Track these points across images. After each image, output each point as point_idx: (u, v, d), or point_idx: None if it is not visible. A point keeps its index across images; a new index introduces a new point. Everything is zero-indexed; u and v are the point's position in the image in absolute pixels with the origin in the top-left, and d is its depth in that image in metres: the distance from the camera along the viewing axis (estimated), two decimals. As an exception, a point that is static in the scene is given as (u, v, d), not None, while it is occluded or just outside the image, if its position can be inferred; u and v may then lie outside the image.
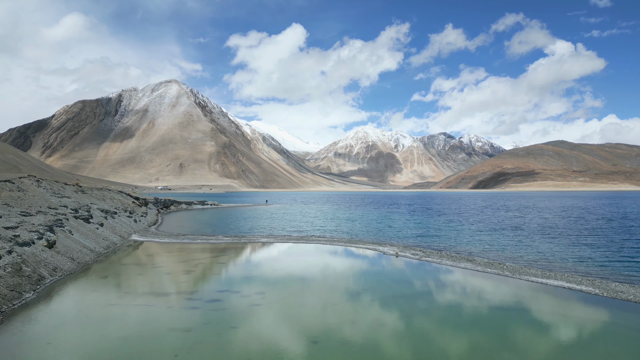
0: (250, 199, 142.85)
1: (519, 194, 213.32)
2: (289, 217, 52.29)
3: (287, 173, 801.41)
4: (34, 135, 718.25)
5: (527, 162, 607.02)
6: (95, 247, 23.35)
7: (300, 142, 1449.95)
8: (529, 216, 51.49)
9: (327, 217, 51.03)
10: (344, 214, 58.43)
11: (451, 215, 54.98)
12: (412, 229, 37.27)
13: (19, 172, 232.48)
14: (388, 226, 39.61)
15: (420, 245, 26.95)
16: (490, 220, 46.33)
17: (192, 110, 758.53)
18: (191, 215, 56.56)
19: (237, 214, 60.03)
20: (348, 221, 45.52)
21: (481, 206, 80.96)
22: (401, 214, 56.65)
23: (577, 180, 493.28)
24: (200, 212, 65.33)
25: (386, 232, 34.43)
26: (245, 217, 53.15)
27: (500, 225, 39.47)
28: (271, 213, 60.34)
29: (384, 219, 48.62)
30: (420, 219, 48.42)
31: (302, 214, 57.25)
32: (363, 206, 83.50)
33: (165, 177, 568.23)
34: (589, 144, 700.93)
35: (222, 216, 54.83)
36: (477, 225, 39.60)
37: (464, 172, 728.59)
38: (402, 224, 42.12)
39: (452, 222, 43.36)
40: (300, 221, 45.52)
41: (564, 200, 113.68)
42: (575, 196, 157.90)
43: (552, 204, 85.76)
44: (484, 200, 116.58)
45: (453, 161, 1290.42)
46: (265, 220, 47.20)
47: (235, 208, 77.41)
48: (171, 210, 66.72)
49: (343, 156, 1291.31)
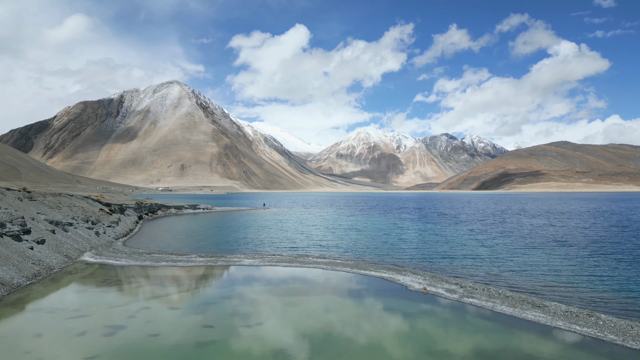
0: (249, 201, 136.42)
1: (527, 196, 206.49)
2: (285, 225, 45.69)
3: (289, 174, 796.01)
4: (35, 137, 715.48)
5: (530, 163, 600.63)
6: (11, 278, 17.09)
7: (302, 143, 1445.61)
8: (561, 224, 44.86)
9: (328, 226, 44.23)
10: (347, 221, 51.77)
11: (471, 222, 48.25)
12: (432, 243, 30.53)
13: (17, 173, 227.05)
14: (401, 239, 32.93)
15: (451, 271, 20.48)
16: (519, 229, 39.69)
17: (194, 112, 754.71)
18: (176, 223, 50.31)
19: (228, 220, 53.73)
20: (352, 232, 38.75)
21: (496, 210, 74.27)
22: (413, 221, 50.05)
23: (580, 181, 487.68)
24: (189, 218, 59.06)
25: (401, 249, 27.80)
26: (236, 225, 46.67)
27: (538, 238, 32.76)
28: (266, 220, 53.88)
29: (394, 228, 41.97)
30: (437, 228, 41.66)
31: (300, 221, 50.69)
32: (368, 210, 76.87)
33: (166, 178, 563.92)
34: (592, 145, 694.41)
35: (209, 224, 48.42)
36: (510, 238, 32.81)
37: (467, 173, 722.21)
38: (418, 235, 35.37)
39: (477, 233, 36.70)
40: (296, 231, 38.93)
41: (579, 202, 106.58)
42: (589, 198, 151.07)
43: (572, 207, 78.84)
44: (495, 203, 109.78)
45: (455, 162, 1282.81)
46: (257, 230, 40.62)
47: (229, 213, 71.00)
48: (158, 216, 60.53)
49: (345, 157, 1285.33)
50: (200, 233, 37.62)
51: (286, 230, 39.50)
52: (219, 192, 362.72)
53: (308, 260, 22.94)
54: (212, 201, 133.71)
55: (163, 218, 57.55)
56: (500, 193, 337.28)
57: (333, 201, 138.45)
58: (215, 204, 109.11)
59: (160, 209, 65.81)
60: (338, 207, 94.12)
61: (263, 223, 48.74)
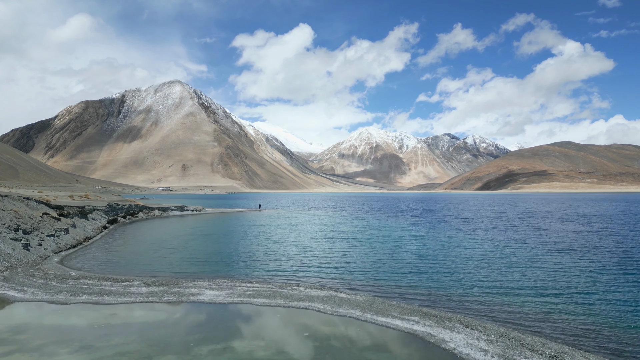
0: (247, 201, 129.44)
1: (534, 196, 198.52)
2: (277, 233, 38.09)
3: (291, 174, 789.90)
4: (36, 136, 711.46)
5: (533, 163, 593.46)
6: None
7: (304, 143, 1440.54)
8: (606, 231, 37.44)
9: (329, 235, 36.43)
10: (351, 227, 44.04)
11: (504, 229, 40.09)
12: (473, 263, 22.43)
13: (15, 172, 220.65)
14: (426, 255, 25.10)
15: (531, 320, 12.95)
16: (582, 240, 32.22)
17: (196, 111, 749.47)
18: (152, 228, 43.19)
19: (213, 226, 46.48)
20: (359, 242, 30.96)
21: (518, 213, 66.54)
22: (431, 228, 42.20)
23: (584, 181, 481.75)
24: (171, 222, 51.93)
25: (430, 272, 20.10)
26: (219, 232, 39.17)
27: (598, 254, 25.40)
28: (256, 225, 46.43)
29: (411, 237, 34.14)
30: (468, 238, 33.52)
31: (296, 227, 43.05)
32: (373, 213, 69.18)
33: (168, 178, 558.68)
34: (595, 145, 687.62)
35: (189, 230, 41.05)
36: (571, 255, 25.08)
37: (469, 173, 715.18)
38: (448, 249, 27.37)
39: (518, 245, 29.10)
40: (289, 242, 31.46)
41: (597, 204, 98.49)
42: (602, 199, 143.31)
43: (596, 210, 71.01)
44: (509, 204, 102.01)
45: (457, 162, 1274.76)
46: (241, 240, 33.06)
47: (219, 215, 63.75)
48: (138, 219, 53.51)
49: (347, 157, 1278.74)
50: (171, 243, 30.32)
51: (277, 241, 32.00)
52: (220, 192, 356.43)
53: (298, 293, 15.57)
54: (209, 202, 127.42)
55: (141, 222, 50.46)
56: (506, 193, 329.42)
57: (335, 202, 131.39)
58: (211, 204, 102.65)
59: (142, 210, 58.79)
60: (340, 208, 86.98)
61: (252, 230, 41.29)
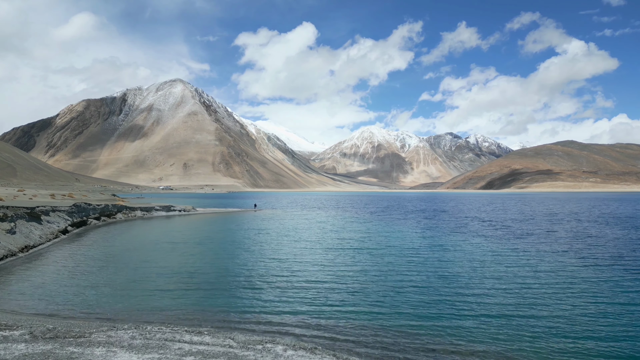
0: (245, 201, 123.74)
1: (544, 196, 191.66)
2: (267, 241, 31.35)
3: (292, 173, 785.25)
4: (37, 135, 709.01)
5: (536, 162, 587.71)
6: None
7: (306, 142, 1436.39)
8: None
9: (329, 244, 29.24)
10: (356, 233, 37.02)
11: (546, 239, 32.60)
12: (527, 291, 16.04)
13: (13, 171, 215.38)
14: (462, 282, 18.02)
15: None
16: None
17: (197, 110, 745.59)
18: (122, 233, 36.86)
19: (193, 230, 40.20)
20: (366, 256, 23.99)
21: (541, 214, 59.85)
22: (453, 233, 35.43)
23: (588, 181, 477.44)
24: (150, 224, 45.76)
25: (475, 310, 13.62)
26: (194, 240, 32.49)
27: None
28: (245, 230, 39.97)
29: (433, 249, 26.98)
30: (508, 252, 26.25)
31: (291, 234, 36.01)
32: (380, 214, 62.56)
33: (169, 176, 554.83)
34: (599, 144, 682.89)
35: (160, 236, 34.55)
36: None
37: (472, 172, 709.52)
38: (488, 270, 20.02)
39: (590, 263, 22.82)
40: (278, 255, 24.80)
41: (615, 203, 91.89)
42: (617, 198, 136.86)
43: (622, 210, 64.45)
44: (524, 204, 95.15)
45: (459, 161, 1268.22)
46: (216, 252, 26.38)
47: (209, 217, 57.53)
48: (115, 221, 47.53)
49: (349, 156, 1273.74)
50: (123, 258, 23.84)
51: (262, 254, 25.32)
52: (220, 192, 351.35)
53: (273, 357, 9.23)
54: (207, 201, 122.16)
55: (117, 224, 44.39)
56: (511, 193, 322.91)
57: (337, 201, 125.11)
58: (208, 204, 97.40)
59: (122, 211, 52.74)
60: (343, 209, 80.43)
61: (236, 236, 34.75)
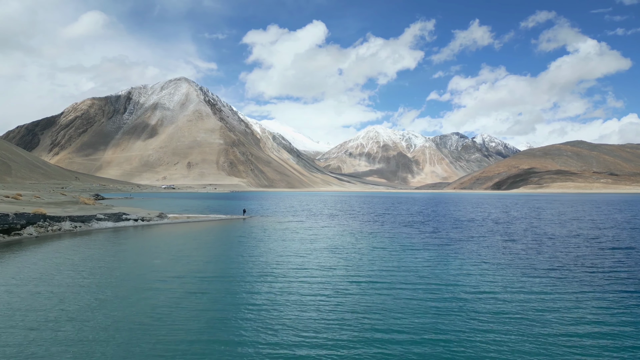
0: (243, 202, 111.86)
1: (565, 198, 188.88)
2: (224, 295, 15.07)
3: (297, 172, 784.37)
4: (42, 133, 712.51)
5: (545, 162, 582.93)
6: None
7: (311, 141, 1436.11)
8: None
9: (326, 305, 13.94)
10: (385, 268, 19.60)
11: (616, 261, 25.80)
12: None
13: (7, 168, 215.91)
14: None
15: None
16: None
17: (202, 109, 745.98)
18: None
19: (121, 261, 25.34)
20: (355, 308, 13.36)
21: (585, 220, 57.53)
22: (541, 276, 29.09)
23: (599, 181, 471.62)
24: (73, 244, 27.27)
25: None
26: (110, 285, 16.33)
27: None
28: (208, 259, 29.27)
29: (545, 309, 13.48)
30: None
31: (272, 271, 18.93)
32: (402, 223, 45.32)
33: (173, 176, 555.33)
34: (609, 145, 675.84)
35: (49, 278, 16.87)
36: None
37: (479, 172, 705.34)
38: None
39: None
40: (243, 332, 11.26)
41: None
42: (636, 200, 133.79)
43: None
44: (547, 203, 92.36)
45: (466, 161, 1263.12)
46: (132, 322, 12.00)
47: (176, 230, 37.68)
48: (20, 239, 28.45)
49: (354, 156, 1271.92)
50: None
51: (212, 336, 11.07)
52: (223, 191, 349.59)
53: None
54: (204, 202, 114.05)
55: (12, 247, 25.11)
56: (523, 194, 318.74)
57: (343, 203, 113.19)
58: (202, 205, 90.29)
59: (35, 223, 31.75)
60: (352, 213, 64.26)
61: (174, 281, 23.40)
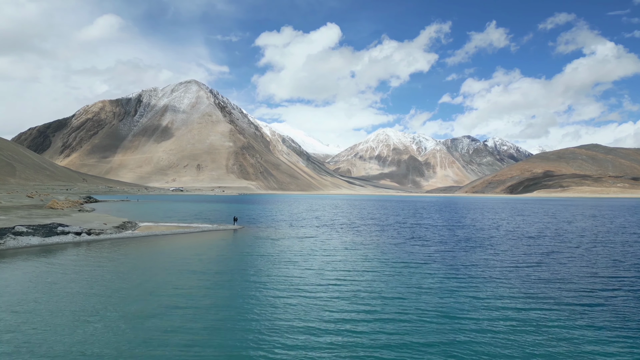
0: (250, 206, 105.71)
1: (590, 203, 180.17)
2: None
3: (307, 175, 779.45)
4: (53, 135, 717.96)
5: (559, 166, 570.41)
6: None
7: (321, 144, 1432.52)
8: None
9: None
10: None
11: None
12: None
13: (12, 169, 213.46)
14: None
15: None
16: None
17: (212, 111, 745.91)
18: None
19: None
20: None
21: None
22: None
23: (615, 186, 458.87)
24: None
25: None
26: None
27: None
28: (133, 318, 13.21)
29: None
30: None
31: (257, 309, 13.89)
32: (444, 241, 33.13)
33: (182, 178, 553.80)
34: (624, 148, 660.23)
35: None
36: None
37: (491, 176, 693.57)
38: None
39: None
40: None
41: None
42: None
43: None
44: (576, 209, 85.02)
45: (477, 165, 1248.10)
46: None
47: (139, 248, 28.32)
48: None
49: (364, 159, 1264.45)
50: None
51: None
52: (231, 194, 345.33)
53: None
54: (209, 205, 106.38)
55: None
56: (539, 198, 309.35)
57: (358, 209, 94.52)
58: (204, 210, 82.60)
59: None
60: (378, 227, 46.74)
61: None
